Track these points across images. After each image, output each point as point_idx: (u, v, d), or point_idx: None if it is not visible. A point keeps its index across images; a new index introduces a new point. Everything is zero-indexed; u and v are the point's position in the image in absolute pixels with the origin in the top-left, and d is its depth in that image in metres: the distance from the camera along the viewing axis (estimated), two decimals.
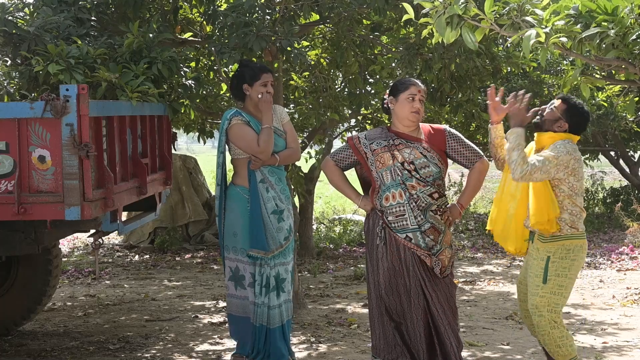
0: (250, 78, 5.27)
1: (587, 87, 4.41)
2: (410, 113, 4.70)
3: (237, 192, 5.28)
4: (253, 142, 5.15)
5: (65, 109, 4.51)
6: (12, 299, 6.35)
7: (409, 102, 4.71)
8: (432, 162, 4.68)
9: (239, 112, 5.25)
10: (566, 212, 4.44)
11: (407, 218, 4.65)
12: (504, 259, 10.01)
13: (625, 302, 7.39)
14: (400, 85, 4.79)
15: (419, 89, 4.74)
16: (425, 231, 4.64)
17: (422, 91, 4.75)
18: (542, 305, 4.42)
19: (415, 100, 4.70)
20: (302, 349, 5.83)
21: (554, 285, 4.42)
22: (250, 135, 5.17)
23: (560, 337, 4.43)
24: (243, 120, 5.19)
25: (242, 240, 5.25)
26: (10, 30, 5.49)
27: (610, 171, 18.92)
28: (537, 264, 4.48)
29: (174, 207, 10.99)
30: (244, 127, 5.19)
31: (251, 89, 5.27)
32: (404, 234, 4.66)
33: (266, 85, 5.27)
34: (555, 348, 4.45)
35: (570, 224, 4.44)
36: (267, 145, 5.13)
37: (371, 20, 7.66)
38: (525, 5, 3.91)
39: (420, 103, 4.72)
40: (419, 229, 4.64)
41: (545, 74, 11.64)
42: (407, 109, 4.71)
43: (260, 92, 5.22)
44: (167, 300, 7.76)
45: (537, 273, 4.47)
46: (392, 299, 4.73)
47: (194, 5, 7.05)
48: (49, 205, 4.59)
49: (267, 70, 5.35)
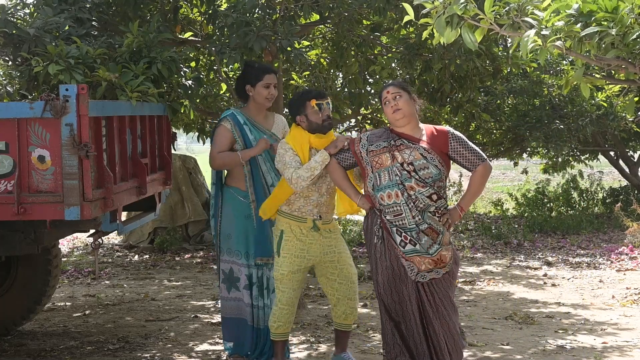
0: (253, 79, 5.26)
1: (587, 87, 4.40)
2: (391, 114, 4.74)
3: (230, 194, 5.28)
4: (217, 148, 5.18)
5: (64, 109, 4.51)
6: (11, 299, 6.34)
7: (387, 105, 4.75)
8: (432, 163, 4.66)
9: (233, 114, 5.25)
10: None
11: (405, 218, 4.64)
12: (504, 259, 10.02)
13: (625, 302, 7.39)
14: (381, 90, 4.90)
15: (387, 90, 4.78)
16: (424, 231, 4.64)
17: (392, 92, 4.74)
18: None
19: (390, 101, 4.72)
20: (302, 349, 5.83)
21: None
22: (221, 141, 5.20)
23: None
24: (228, 126, 5.19)
25: (237, 242, 5.25)
26: (11, 31, 5.48)
27: (609, 171, 18.93)
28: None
29: (174, 207, 10.99)
30: (223, 133, 5.21)
31: (253, 90, 5.26)
32: (402, 234, 4.65)
33: (269, 87, 5.25)
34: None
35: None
36: (219, 161, 5.19)
37: (371, 20, 7.66)
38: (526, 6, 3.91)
39: (396, 101, 4.71)
40: (416, 229, 4.63)
41: (545, 74, 11.65)
42: (388, 111, 4.77)
43: (263, 95, 5.23)
44: (167, 300, 7.75)
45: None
46: (390, 298, 4.73)
47: (194, 5, 7.05)
48: (49, 205, 4.58)
49: (271, 71, 5.32)
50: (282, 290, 4.95)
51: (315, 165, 4.82)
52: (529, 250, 10.68)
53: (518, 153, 13.59)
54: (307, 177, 4.81)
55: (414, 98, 4.80)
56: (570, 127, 11.69)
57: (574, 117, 11.69)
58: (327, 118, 4.95)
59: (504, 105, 12.14)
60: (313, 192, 4.95)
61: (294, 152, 4.89)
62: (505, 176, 25.66)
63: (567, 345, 5.90)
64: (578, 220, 12.57)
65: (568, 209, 13.87)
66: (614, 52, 3.81)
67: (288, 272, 4.93)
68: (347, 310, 5.07)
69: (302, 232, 4.94)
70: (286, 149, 4.91)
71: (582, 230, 12.16)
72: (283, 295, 4.96)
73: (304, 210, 4.95)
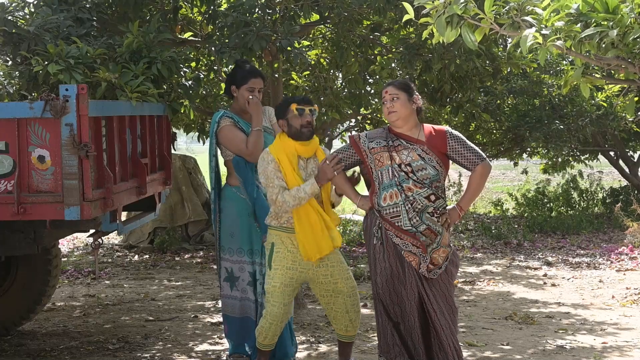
0: (239, 80, 5.27)
1: (587, 87, 4.40)
2: (387, 115, 4.74)
3: (232, 193, 5.28)
4: (242, 143, 5.13)
5: (64, 109, 4.51)
6: (11, 299, 6.34)
7: (384, 105, 4.75)
8: (430, 164, 4.65)
9: (226, 113, 5.25)
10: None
11: (402, 219, 4.63)
12: (504, 259, 10.02)
13: (624, 302, 7.39)
14: (383, 87, 4.88)
15: (386, 90, 4.76)
16: (422, 231, 4.63)
17: (390, 93, 4.72)
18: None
19: (387, 102, 4.72)
20: (302, 349, 5.82)
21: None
22: (238, 137, 5.16)
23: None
24: (232, 122, 5.19)
25: (241, 241, 5.25)
26: (10, 30, 5.49)
27: (609, 171, 18.92)
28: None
29: (174, 207, 10.99)
30: (233, 129, 5.18)
31: (238, 92, 5.28)
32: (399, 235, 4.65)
33: (253, 91, 5.25)
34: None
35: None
36: (255, 147, 5.10)
37: (371, 20, 7.65)
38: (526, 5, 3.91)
39: (393, 103, 4.70)
40: (414, 230, 4.62)
41: (545, 74, 11.66)
42: (385, 112, 4.77)
43: (245, 97, 5.22)
44: (167, 300, 7.75)
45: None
46: (389, 299, 4.72)
47: (194, 5, 7.05)
48: (49, 205, 4.59)
49: (258, 76, 5.30)
50: (273, 304, 4.77)
51: (304, 196, 4.68)
52: (528, 250, 10.68)
53: (518, 153, 13.59)
54: (292, 205, 4.68)
55: (414, 99, 4.73)
56: (570, 127, 11.70)
57: (574, 117, 11.69)
58: (307, 124, 4.79)
59: (504, 105, 12.14)
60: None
61: (277, 165, 4.74)
62: (505, 176, 25.66)
63: (567, 345, 5.90)
64: (578, 220, 12.57)
65: (568, 209, 13.88)
66: (614, 52, 3.81)
67: (280, 285, 4.77)
68: (345, 323, 4.92)
69: (293, 244, 4.80)
70: (269, 160, 4.75)
71: (582, 230, 12.16)
72: (273, 309, 4.77)
73: (292, 221, 4.81)
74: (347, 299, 4.87)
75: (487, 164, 4.74)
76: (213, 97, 8.26)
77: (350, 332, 4.96)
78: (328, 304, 4.92)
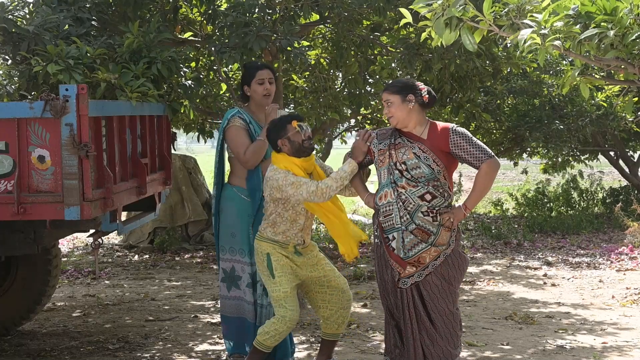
0: (247, 78, 5.30)
1: (587, 87, 4.41)
2: (389, 120, 4.75)
3: (233, 192, 5.27)
4: (241, 148, 5.12)
5: (64, 109, 4.51)
6: (11, 299, 6.35)
7: (384, 111, 4.77)
8: (425, 162, 4.60)
9: (240, 112, 5.25)
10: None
11: (394, 218, 4.62)
12: (504, 259, 10.02)
13: (624, 302, 7.39)
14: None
15: (382, 96, 4.77)
16: (412, 231, 4.59)
17: (384, 99, 4.70)
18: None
19: (385, 108, 4.73)
20: (302, 349, 5.83)
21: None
22: (241, 141, 5.15)
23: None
24: (241, 123, 5.19)
25: (241, 240, 5.25)
26: (10, 29, 5.49)
27: (609, 171, 18.92)
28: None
29: (174, 207, 10.99)
30: (239, 131, 5.18)
31: (250, 89, 5.29)
32: (391, 234, 4.64)
33: (263, 82, 5.26)
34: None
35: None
36: (253, 156, 5.10)
37: (371, 20, 7.66)
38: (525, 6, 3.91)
39: (388, 108, 4.69)
40: (403, 229, 4.60)
41: (544, 74, 11.66)
42: (386, 118, 4.77)
43: (258, 91, 5.23)
44: (167, 300, 7.76)
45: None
46: (390, 298, 4.72)
47: (194, 5, 7.05)
48: (49, 205, 4.59)
49: (264, 67, 5.33)
50: (289, 308, 4.71)
51: (345, 175, 4.68)
52: (528, 250, 10.68)
53: (518, 153, 13.60)
54: (336, 187, 4.66)
55: (408, 99, 4.64)
56: (570, 127, 11.70)
57: (573, 117, 11.69)
58: (308, 139, 4.79)
59: (504, 105, 12.15)
60: (301, 215, 4.82)
61: (292, 173, 4.71)
62: (505, 176, 25.65)
63: (567, 345, 5.90)
64: (578, 220, 12.56)
65: (568, 209, 13.87)
66: (613, 52, 3.81)
67: (290, 289, 4.76)
68: (340, 319, 4.96)
69: (286, 254, 4.84)
70: (284, 172, 4.70)
71: (582, 230, 12.16)
72: (292, 313, 4.71)
73: (288, 234, 4.81)
74: (342, 295, 4.97)
75: (494, 161, 4.63)
76: (213, 97, 8.26)
77: (340, 330, 5.04)
78: (324, 301, 4.97)
